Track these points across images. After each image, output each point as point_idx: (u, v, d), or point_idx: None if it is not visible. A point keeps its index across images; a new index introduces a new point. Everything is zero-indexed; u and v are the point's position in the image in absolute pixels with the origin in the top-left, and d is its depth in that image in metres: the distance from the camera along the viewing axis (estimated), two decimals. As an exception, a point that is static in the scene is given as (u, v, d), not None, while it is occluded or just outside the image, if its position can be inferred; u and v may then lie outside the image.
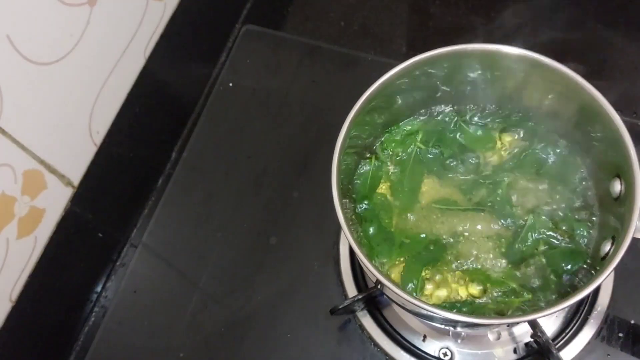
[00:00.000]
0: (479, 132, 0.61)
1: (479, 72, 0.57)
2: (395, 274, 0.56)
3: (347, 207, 0.59)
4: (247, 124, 0.81)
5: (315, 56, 0.84)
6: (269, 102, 0.82)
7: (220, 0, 0.87)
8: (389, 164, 0.61)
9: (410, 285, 0.55)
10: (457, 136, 0.61)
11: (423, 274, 0.55)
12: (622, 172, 0.50)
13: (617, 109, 0.49)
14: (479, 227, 0.57)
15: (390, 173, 0.60)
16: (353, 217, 0.59)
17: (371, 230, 0.57)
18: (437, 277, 0.55)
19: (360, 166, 0.61)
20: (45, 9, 0.57)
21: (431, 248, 0.56)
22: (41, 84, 0.59)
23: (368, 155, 0.61)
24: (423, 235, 0.57)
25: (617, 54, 0.79)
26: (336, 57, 0.83)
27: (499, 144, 0.60)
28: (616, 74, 0.77)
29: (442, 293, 0.55)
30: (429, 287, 0.55)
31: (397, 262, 0.56)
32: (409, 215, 0.58)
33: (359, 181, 0.60)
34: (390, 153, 0.61)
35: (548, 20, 0.82)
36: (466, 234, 0.57)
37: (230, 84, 0.84)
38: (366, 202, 0.59)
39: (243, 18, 0.90)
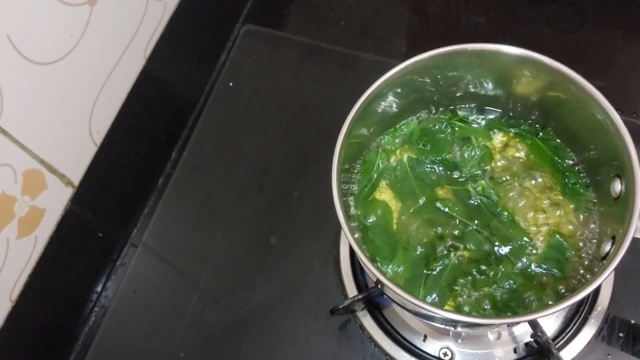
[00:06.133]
0: (477, 127, 0.61)
1: (479, 72, 0.57)
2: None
3: (347, 207, 0.59)
4: (247, 124, 0.81)
5: (315, 56, 0.84)
6: (269, 102, 0.82)
7: (220, 0, 0.87)
8: (389, 167, 0.61)
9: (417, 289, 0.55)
10: (452, 135, 0.61)
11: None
12: (622, 172, 0.50)
13: (617, 109, 0.49)
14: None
15: (392, 181, 0.60)
16: (354, 217, 0.59)
17: (373, 234, 0.57)
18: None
19: (359, 166, 0.61)
20: (45, 9, 0.57)
21: (431, 250, 0.56)
22: (41, 83, 0.59)
23: (368, 154, 0.61)
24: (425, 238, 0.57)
25: (617, 54, 0.79)
26: (336, 57, 0.83)
27: (496, 143, 0.61)
28: (616, 74, 0.77)
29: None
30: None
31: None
32: (410, 219, 0.58)
33: (358, 184, 0.60)
34: (390, 158, 0.61)
35: (548, 20, 0.82)
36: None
37: (230, 84, 0.84)
38: (366, 206, 0.59)
39: (243, 18, 0.90)
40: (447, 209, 0.57)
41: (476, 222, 0.56)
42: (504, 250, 0.55)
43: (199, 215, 0.76)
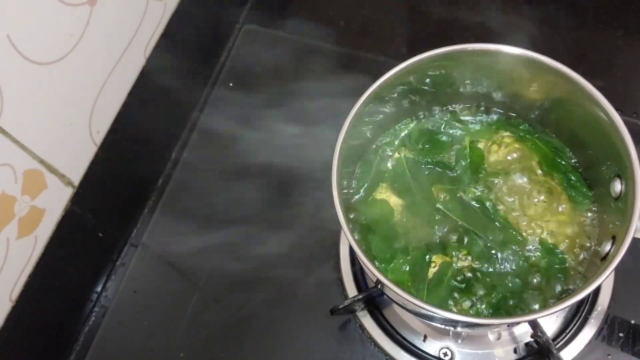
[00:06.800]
0: (477, 127, 0.61)
1: (479, 72, 0.57)
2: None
3: (347, 208, 0.59)
4: (247, 123, 0.81)
5: (315, 56, 0.84)
6: (268, 102, 0.82)
7: (220, 0, 0.87)
8: (388, 168, 0.61)
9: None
10: (451, 135, 0.61)
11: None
12: (622, 172, 0.50)
13: (617, 109, 0.49)
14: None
15: (391, 182, 0.60)
16: (354, 217, 0.59)
17: (373, 236, 0.57)
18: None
19: (359, 166, 0.61)
20: (45, 9, 0.57)
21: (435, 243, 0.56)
22: (41, 83, 0.59)
23: (368, 154, 0.61)
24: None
25: (617, 54, 0.79)
26: (336, 57, 0.83)
27: (495, 144, 0.61)
28: (616, 74, 0.77)
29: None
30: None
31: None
32: (410, 220, 0.58)
33: (358, 184, 0.60)
34: (389, 158, 0.61)
35: (548, 20, 0.82)
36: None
37: (230, 84, 0.84)
38: (366, 206, 0.59)
39: (243, 18, 0.90)
40: (445, 211, 0.57)
41: (473, 225, 0.56)
42: (502, 253, 0.55)
43: (199, 215, 0.76)
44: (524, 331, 0.63)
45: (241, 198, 0.76)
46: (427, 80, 0.57)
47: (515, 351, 0.63)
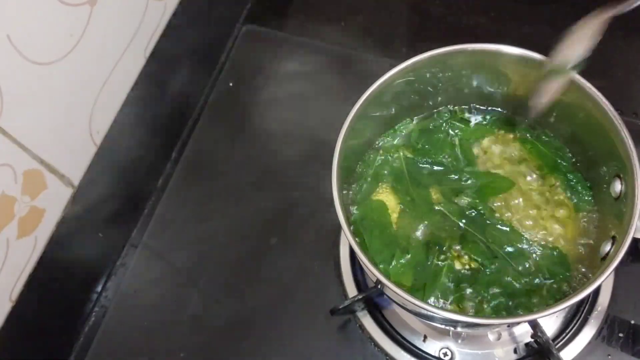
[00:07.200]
0: (477, 127, 0.61)
1: (479, 72, 0.57)
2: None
3: (348, 208, 0.59)
4: (247, 123, 0.81)
5: (315, 56, 0.84)
6: (268, 102, 0.82)
7: (220, 0, 0.87)
8: (387, 168, 0.61)
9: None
10: (451, 136, 0.61)
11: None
12: (622, 172, 0.50)
13: (617, 109, 0.49)
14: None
15: (390, 182, 0.60)
16: (354, 217, 0.59)
17: (371, 235, 0.57)
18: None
19: (359, 166, 0.61)
20: (45, 9, 0.57)
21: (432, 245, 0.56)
22: (41, 83, 0.59)
23: (368, 154, 0.61)
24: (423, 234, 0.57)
25: (617, 54, 0.79)
26: (336, 57, 0.83)
27: (494, 144, 0.61)
28: (616, 74, 0.77)
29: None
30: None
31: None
32: (408, 220, 0.58)
33: (358, 184, 0.60)
34: (388, 158, 0.61)
35: (548, 20, 0.82)
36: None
37: (230, 84, 0.84)
38: (365, 206, 0.59)
39: (243, 18, 0.90)
40: (445, 211, 0.57)
41: (473, 225, 0.56)
42: (502, 254, 0.55)
43: (199, 215, 0.76)
44: (524, 331, 0.63)
45: (241, 198, 0.77)
46: (427, 80, 0.57)
47: (515, 351, 0.63)
